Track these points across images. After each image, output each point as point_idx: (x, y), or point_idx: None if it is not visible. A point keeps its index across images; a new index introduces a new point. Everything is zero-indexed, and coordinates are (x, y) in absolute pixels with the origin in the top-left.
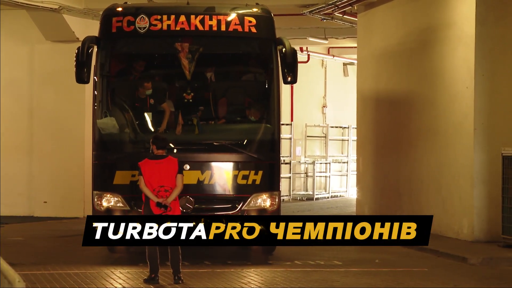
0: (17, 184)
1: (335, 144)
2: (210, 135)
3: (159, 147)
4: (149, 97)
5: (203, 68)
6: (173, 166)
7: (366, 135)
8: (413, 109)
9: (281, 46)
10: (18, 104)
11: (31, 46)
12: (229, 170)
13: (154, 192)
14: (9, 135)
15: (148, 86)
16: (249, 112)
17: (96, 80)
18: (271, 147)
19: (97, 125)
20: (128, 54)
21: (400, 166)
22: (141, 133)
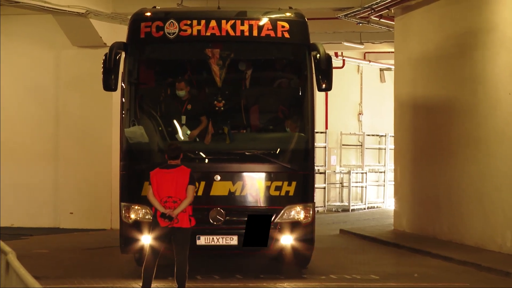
0: (42, 194)
1: (371, 153)
2: (241, 144)
3: (170, 156)
4: (179, 104)
5: (234, 74)
6: (183, 177)
7: (403, 143)
8: (452, 116)
9: (315, 52)
10: (44, 110)
11: (57, 52)
12: (261, 180)
13: (161, 202)
14: (34, 142)
15: (182, 87)
16: (282, 121)
17: (123, 87)
18: (305, 157)
19: (125, 134)
20: (157, 60)
21: (440, 175)
22: (170, 142)
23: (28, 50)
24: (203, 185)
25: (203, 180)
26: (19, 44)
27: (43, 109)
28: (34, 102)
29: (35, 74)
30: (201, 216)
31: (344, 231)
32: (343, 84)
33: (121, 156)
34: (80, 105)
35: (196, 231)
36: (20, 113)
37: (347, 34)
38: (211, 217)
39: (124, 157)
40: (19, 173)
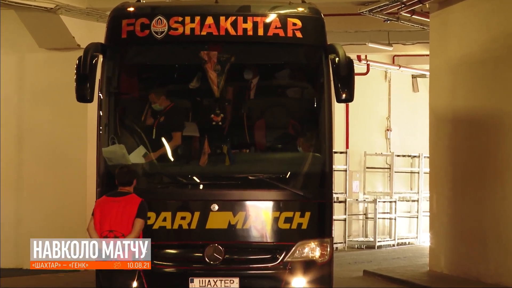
0: (1, 228)
1: (402, 177)
2: (244, 167)
3: (120, 182)
4: (168, 118)
5: (235, 82)
6: (131, 208)
7: (441, 166)
8: (500, 133)
9: (334, 55)
10: (4, 127)
11: (20, 55)
12: (268, 211)
13: (101, 237)
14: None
15: (154, 99)
16: (293, 138)
17: (101, 98)
18: (321, 182)
19: (103, 154)
20: (141, 65)
21: (485, 205)
22: (158, 164)
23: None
24: (197, 216)
25: (197, 210)
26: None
27: (2, 125)
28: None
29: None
30: (195, 254)
31: (368, 272)
32: (368, 94)
33: (98, 181)
34: (49, 120)
35: (189, 272)
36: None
37: (373, 34)
38: (207, 255)
39: (102, 182)
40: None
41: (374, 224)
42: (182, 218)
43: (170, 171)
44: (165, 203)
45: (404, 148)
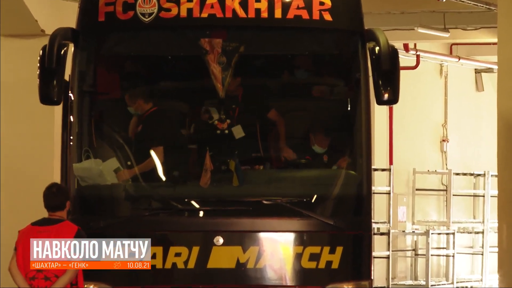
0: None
1: (462, 202)
2: (256, 188)
3: (49, 205)
4: (150, 126)
5: (245, 79)
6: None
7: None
8: None
9: (373, 43)
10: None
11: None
12: (289, 245)
13: (27, 278)
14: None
15: (131, 103)
16: (320, 151)
17: (72, 100)
18: (357, 208)
19: (74, 172)
20: (124, 57)
21: None
22: (145, 185)
23: None
24: (196, 252)
25: (196, 245)
26: None
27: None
28: None
29: None
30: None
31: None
32: (418, 94)
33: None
34: (3, 128)
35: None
36: None
37: (424, 16)
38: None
39: (74, 208)
40: None
41: (426, 262)
42: (176, 255)
43: (161, 193)
44: (155, 235)
45: (465, 164)
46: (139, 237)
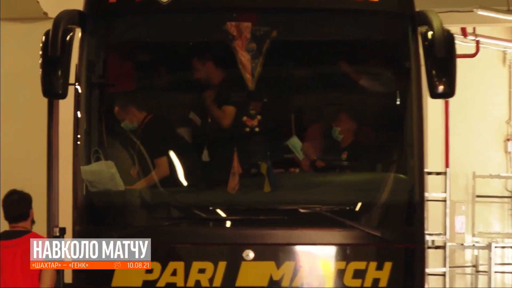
0: None
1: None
2: (292, 194)
3: (10, 216)
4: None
5: (278, 69)
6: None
7: None
8: None
9: (425, 28)
10: None
11: None
12: (329, 260)
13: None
14: None
15: (123, 115)
16: (364, 152)
17: (79, 92)
18: (408, 217)
19: (82, 175)
20: (138, 43)
21: None
22: (163, 190)
23: None
24: (222, 268)
25: (223, 259)
26: None
27: None
28: None
29: None
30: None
31: None
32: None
33: (76, 217)
34: (1, 123)
35: None
36: None
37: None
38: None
39: (81, 216)
40: None
41: (488, 280)
42: (200, 271)
43: (183, 200)
44: (175, 248)
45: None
46: (158, 251)
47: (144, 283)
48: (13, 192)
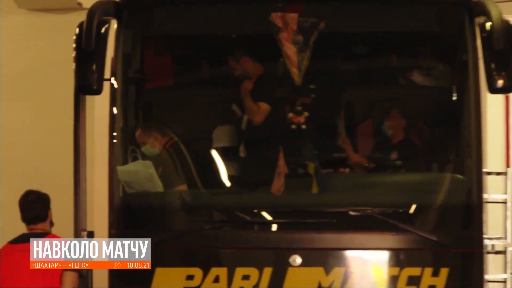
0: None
1: None
2: (341, 196)
3: (28, 218)
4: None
5: (326, 62)
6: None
7: None
8: None
9: (483, 18)
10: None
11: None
12: (382, 266)
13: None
14: None
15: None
16: (418, 150)
17: (115, 88)
18: (465, 220)
19: (119, 176)
20: (178, 36)
21: None
22: (204, 191)
23: None
24: (268, 274)
25: (268, 265)
26: None
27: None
28: None
29: None
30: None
31: None
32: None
33: (112, 220)
34: (29, 124)
35: None
36: None
37: None
38: None
39: (117, 219)
40: None
41: None
42: (244, 278)
43: (225, 202)
44: (218, 253)
45: None
46: (199, 256)
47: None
48: (30, 193)
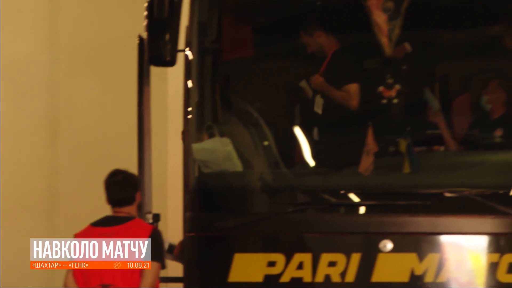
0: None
1: None
2: (436, 176)
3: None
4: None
5: (419, 32)
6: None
7: None
8: None
9: None
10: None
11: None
12: (480, 252)
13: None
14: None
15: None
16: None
17: (189, 59)
18: None
19: (194, 154)
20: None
21: None
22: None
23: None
24: (355, 260)
25: (356, 251)
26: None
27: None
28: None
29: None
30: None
31: None
32: None
33: (187, 202)
34: (96, 100)
35: None
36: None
37: None
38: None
39: (193, 203)
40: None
41: None
42: (330, 264)
43: (310, 183)
44: (302, 238)
45: None
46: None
47: (265, 278)
48: (117, 172)
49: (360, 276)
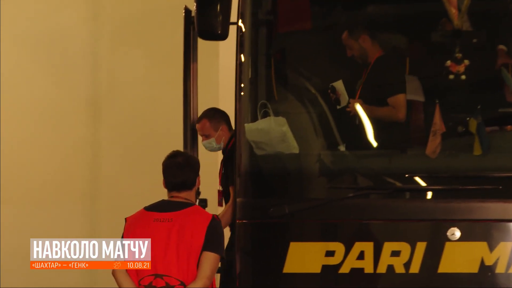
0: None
1: None
2: (508, 158)
3: (171, 183)
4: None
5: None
6: (194, 232)
7: None
8: None
9: None
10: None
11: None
12: None
13: (140, 286)
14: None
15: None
16: None
17: (242, 32)
18: None
19: (246, 135)
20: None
21: None
22: (348, 154)
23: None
24: (421, 250)
25: (422, 240)
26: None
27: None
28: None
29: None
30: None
31: None
32: None
33: (239, 186)
34: (142, 77)
35: None
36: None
37: None
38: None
39: (245, 188)
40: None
41: None
42: (393, 254)
43: (372, 167)
44: (363, 225)
45: None
46: (341, 229)
47: (323, 268)
48: (177, 154)
49: (425, 266)
